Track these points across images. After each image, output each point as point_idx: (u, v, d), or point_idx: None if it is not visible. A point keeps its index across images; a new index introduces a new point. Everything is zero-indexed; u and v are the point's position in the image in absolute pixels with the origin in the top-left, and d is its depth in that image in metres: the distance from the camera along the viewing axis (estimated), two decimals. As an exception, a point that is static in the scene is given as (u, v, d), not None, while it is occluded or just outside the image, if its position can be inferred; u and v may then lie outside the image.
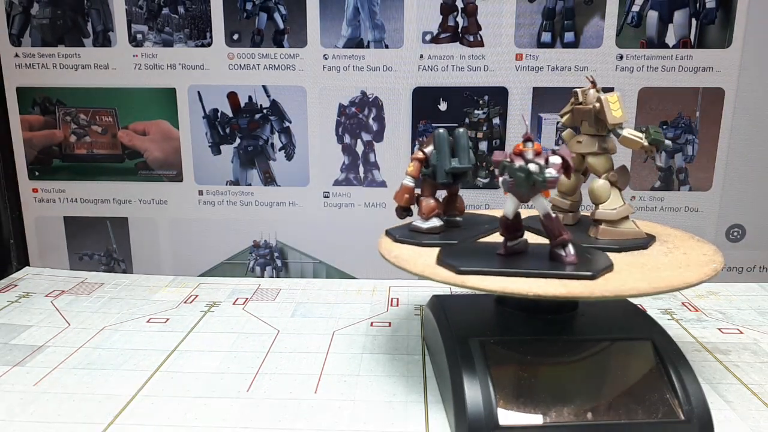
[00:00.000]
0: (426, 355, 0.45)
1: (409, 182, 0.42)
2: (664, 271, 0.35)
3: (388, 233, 0.43)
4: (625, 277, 0.34)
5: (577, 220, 0.45)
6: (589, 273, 0.33)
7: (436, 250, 0.38)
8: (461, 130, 0.41)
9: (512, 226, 0.36)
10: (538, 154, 0.34)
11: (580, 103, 0.43)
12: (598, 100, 0.41)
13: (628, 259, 0.37)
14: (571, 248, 0.35)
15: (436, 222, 0.42)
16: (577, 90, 0.43)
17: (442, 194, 0.44)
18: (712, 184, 0.62)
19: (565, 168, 0.34)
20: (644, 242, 0.40)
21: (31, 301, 0.55)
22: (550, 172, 0.33)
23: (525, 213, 0.48)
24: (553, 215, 0.35)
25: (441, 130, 0.41)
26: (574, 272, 0.33)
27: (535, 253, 0.37)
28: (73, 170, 0.65)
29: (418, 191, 0.43)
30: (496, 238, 0.38)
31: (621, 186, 0.41)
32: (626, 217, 0.41)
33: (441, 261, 0.36)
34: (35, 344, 0.46)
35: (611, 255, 0.37)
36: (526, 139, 0.34)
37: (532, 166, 0.33)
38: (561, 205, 0.45)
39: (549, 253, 0.36)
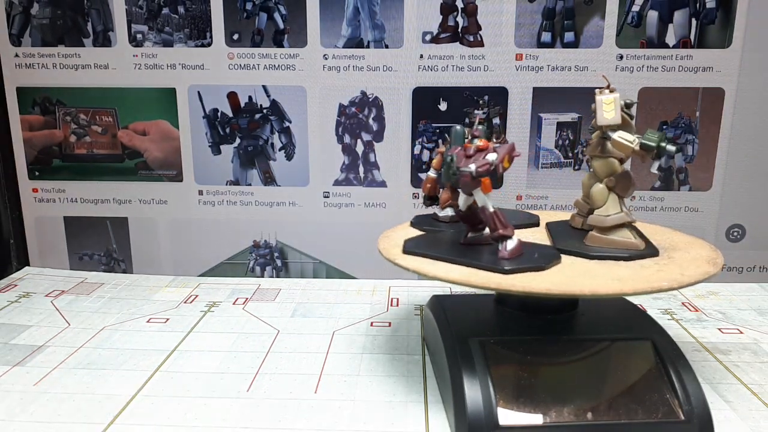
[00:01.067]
0: (426, 355, 0.45)
1: (432, 173, 0.45)
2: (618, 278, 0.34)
3: (413, 221, 0.47)
4: (566, 277, 0.34)
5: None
6: (503, 268, 0.34)
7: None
8: (480, 127, 0.42)
9: (466, 218, 0.39)
10: (481, 150, 0.36)
11: None
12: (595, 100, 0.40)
13: (603, 268, 0.36)
14: (509, 243, 0.36)
15: (448, 212, 0.44)
16: (596, 90, 0.42)
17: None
18: (712, 184, 0.62)
19: (496, 165, 0.35)
20: (634, 254, 0.38)
21: (31, 301, 0.55)
22: (469, 168, 0.35)
23: (549, 215, 0.48)
24: (491, 210, 0.36)
25: (458, 127, 0.42)
26: (492, 265, 0.35)
27: (494, 247, 0.38)
28: (73, 170, 0.65)
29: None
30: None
31: (620, 192, 0.40)
32: (623, 226, 0.39)
33: (405, 245, 0.39)
34: (35, 344, 0.46)
35: (592, 263, 0.37)
36: (474, 136, 0.37)
37: (449, 158, 0.37)
38: (582, 208, 0.44)
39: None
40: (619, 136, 0.38)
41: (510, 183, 0.63)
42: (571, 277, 0.34)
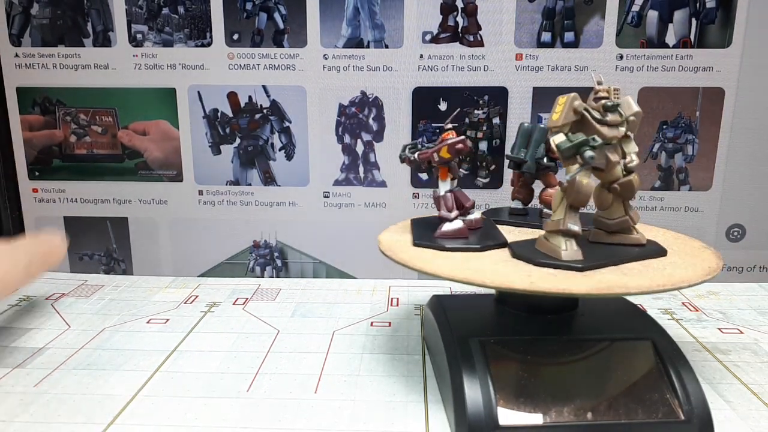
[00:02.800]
0: (426, 355, 0.45)
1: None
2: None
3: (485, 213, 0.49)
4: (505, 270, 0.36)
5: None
6: (439, 245, 0.39)
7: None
8: (539, 125, 0.45)
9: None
10: (442, 140, 0.41)
11: None
12: None
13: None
14: (446, 225, 0.41)
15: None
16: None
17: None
18: (712, 184, 0.62)
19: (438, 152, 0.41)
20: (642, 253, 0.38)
21: (32, 304, 0.55)
22: (414, 155, 0.42)
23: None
24: (440, 193, 0.42)
25: (525, 124, 0.47)
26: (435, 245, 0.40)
27: (476, 234, 0.42)
28: (73, 170, 0.65)
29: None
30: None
31: (623, 196, 0.38)
32: (626, 229, 0.39)
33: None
34: (36, 346, 0.46)
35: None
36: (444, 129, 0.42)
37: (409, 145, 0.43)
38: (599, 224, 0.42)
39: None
40: (553, 139, 0.36)
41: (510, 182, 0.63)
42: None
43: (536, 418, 0.33)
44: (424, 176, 0.63)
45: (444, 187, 0.42)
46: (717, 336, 0.49)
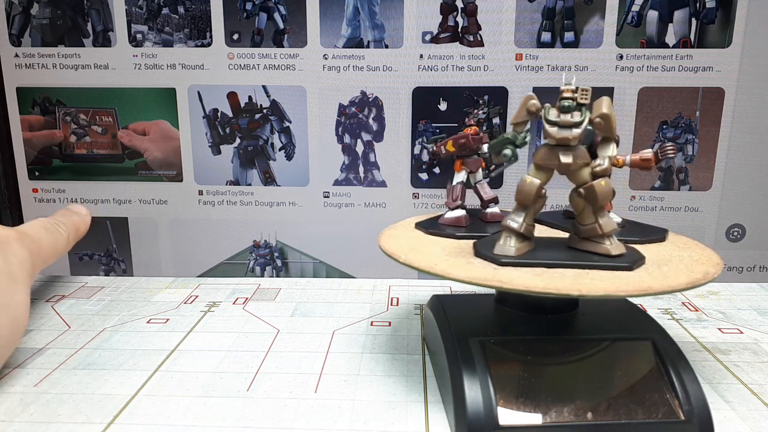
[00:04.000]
0: (426, 355, 0.45)
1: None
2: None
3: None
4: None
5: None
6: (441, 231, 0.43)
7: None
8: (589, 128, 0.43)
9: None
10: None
11: None
12: None
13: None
14: (447, 213, 0.45)
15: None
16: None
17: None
18: (712, 184, 0.62)
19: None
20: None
21: (32, 306, 0.55)
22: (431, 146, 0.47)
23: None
24: (451, 185, 0.45)
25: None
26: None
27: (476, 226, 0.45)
28: (73, 170, 0.65)
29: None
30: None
31: (588, 202, 0.37)
32: (594, 237, 0.37)
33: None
34: (35, 347, 0.46)
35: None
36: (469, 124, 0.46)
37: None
38: None
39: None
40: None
41: (510, 182, 0.63)
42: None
43: (536, 418, 0.33)
44: (424, 176, 0.63)
45: (456, 178, 0.45)
46: (717, 336, 0.49)
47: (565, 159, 0.36)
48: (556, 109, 0.36)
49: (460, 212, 0.44)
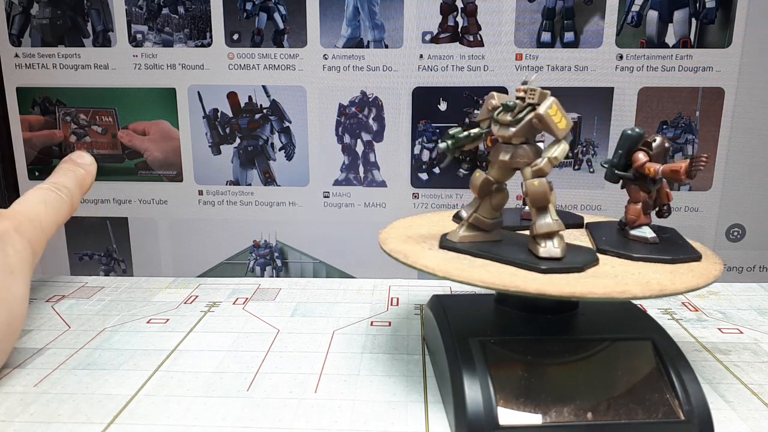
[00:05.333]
0: (426, 355, 0.45)
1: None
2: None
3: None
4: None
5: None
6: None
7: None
8: (627, 130, 0.41)
9: None
10: None
11: None
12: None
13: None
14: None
15: (645, 232, 0.41)
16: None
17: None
18: (712, 184, 0.62)
19: None
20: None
21: (32, 306, 0.55)
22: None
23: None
24: None
25: (628, 130, 0.40)
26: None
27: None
28: (73, 170, 0.65)
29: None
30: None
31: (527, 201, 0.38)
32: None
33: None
34: (35, 347, 0.46)
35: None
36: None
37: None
38: None
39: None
40: None
41: (510, 183, 0.63)
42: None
43: (536, 418, 0.33)
44: (424, 176, 0.63)
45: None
46: (717, 336, 0.49)
47: (503, 156, 0.37)
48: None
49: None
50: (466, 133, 0.38)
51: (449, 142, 0.38)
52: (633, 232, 0.40)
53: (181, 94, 0.63)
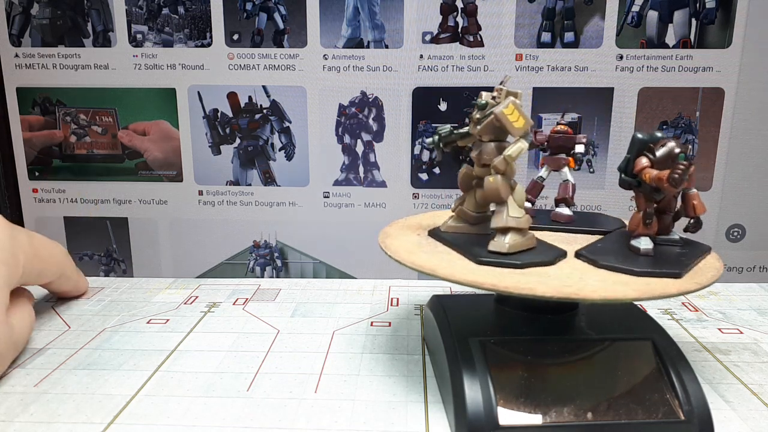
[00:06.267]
0: (426, 355, 0.45)
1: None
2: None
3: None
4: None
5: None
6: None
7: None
8: (637, 134, 0.38)
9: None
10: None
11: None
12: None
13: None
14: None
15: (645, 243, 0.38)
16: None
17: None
18: (712, 184, 0.62)
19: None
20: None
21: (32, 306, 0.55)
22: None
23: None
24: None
25: (638, 134, 0.38)
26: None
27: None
28: (73, 170, 0.65)
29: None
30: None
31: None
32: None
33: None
34: (35, 347, 0.46)
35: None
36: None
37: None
38: None
39: None
40: None
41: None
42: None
43: (536, 418, 0.33)
44: (424, 176, 0.63)
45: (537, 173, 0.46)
46: (717, 336, 0.49)
47: (474, 152, 0.39)
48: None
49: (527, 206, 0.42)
50: (448, 129, 0.39)
51: (435, 137, 0.40)
52: (631, 242, 0.38)
53: (181, 94, 0.63)
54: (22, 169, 0.65)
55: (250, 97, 0.63)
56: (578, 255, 0.38)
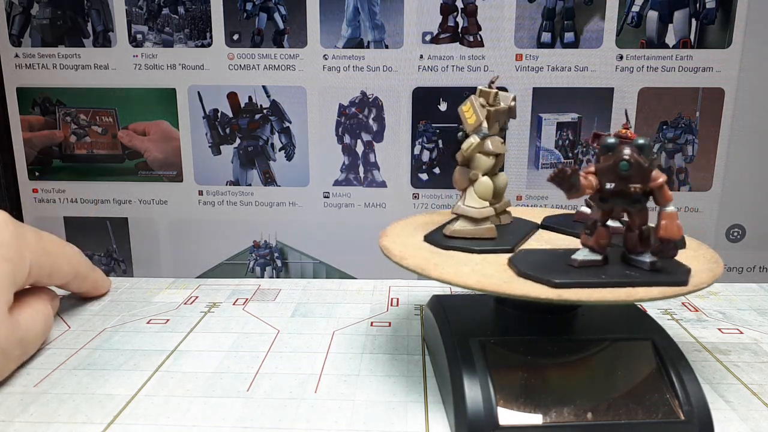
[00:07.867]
0: (426, 355, 0.45)
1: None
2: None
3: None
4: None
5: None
6: None
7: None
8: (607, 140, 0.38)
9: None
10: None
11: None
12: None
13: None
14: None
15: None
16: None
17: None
18: (712, 184, 0.62)
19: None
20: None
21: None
22: None
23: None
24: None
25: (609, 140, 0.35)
26: None
27: None
28: (73, 170, 0.65)
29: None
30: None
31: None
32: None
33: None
34: (35, 345, 0.46)
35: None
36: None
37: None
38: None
39: None
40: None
41: (510, 183, 0.63)
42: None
43: (536, 418, 0.33)
44: (424, 176, 0.63)
45: None
46: (717, 336, 0.49)
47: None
48: None
49: None
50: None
51: (459, 134, 0.41)
52: (574, 255, 0.35)
53: (181, 95, 0.63)
54: (22, 169, 0.65)
55: (250, 97, 0.63)
56: (509, 260, 0.36)
